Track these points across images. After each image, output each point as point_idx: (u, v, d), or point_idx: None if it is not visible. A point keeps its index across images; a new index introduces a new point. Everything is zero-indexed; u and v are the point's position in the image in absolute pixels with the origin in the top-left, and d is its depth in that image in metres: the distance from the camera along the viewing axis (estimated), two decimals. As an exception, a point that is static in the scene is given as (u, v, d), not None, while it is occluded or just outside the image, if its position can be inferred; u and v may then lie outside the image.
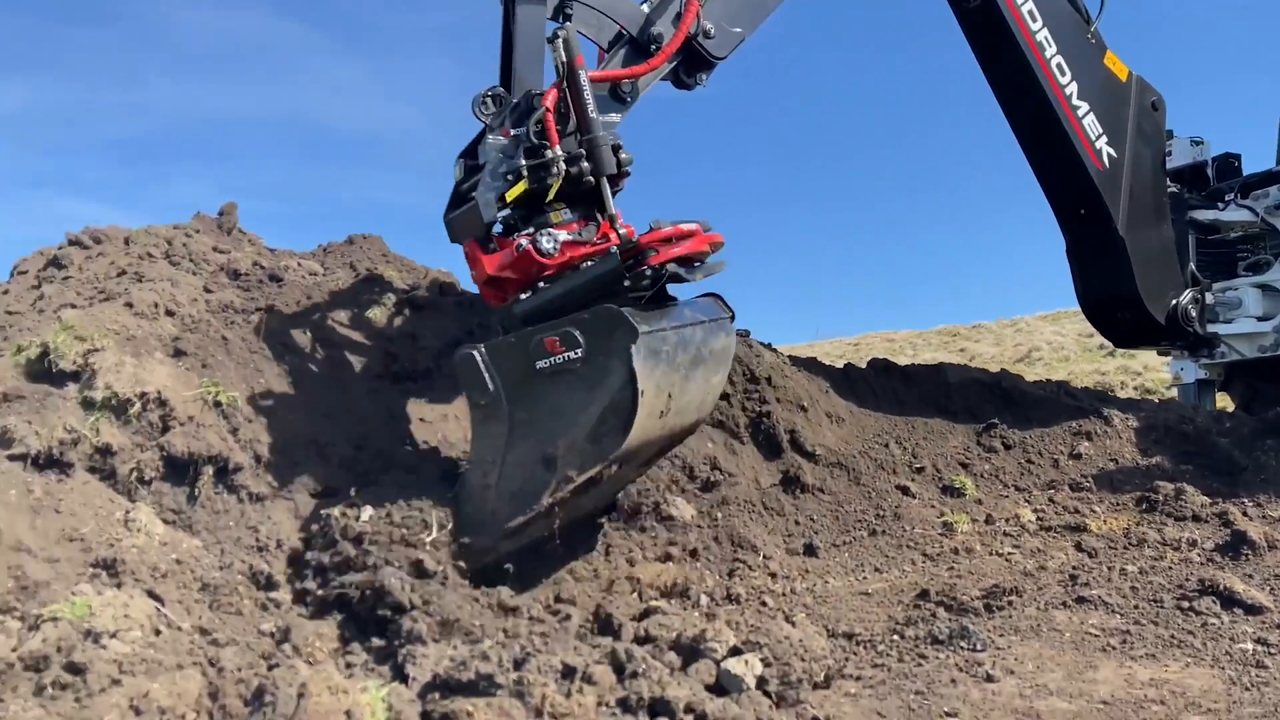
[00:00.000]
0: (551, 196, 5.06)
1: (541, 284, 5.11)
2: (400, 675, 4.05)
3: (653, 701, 4.07)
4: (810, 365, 8.66)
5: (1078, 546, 6.19)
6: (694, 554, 5.87)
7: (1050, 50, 8.10)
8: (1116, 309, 9.32)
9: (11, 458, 4.52)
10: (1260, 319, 10.65)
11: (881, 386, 8.66)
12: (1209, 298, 9.90)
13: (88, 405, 4.94)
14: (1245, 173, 11.53)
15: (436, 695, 3.86)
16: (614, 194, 5.30)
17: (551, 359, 4.75)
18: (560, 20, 5.37)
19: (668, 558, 5.75)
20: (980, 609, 5.20)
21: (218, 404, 5.27)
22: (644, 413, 4.75)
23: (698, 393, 5.39)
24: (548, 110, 5.02)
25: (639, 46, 5.80)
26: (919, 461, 7.55)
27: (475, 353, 4.88)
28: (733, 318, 5.57)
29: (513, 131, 5.11)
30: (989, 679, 4.31)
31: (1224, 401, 12.12)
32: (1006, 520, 6.80)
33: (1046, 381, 9.86)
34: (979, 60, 8.61)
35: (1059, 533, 6.53)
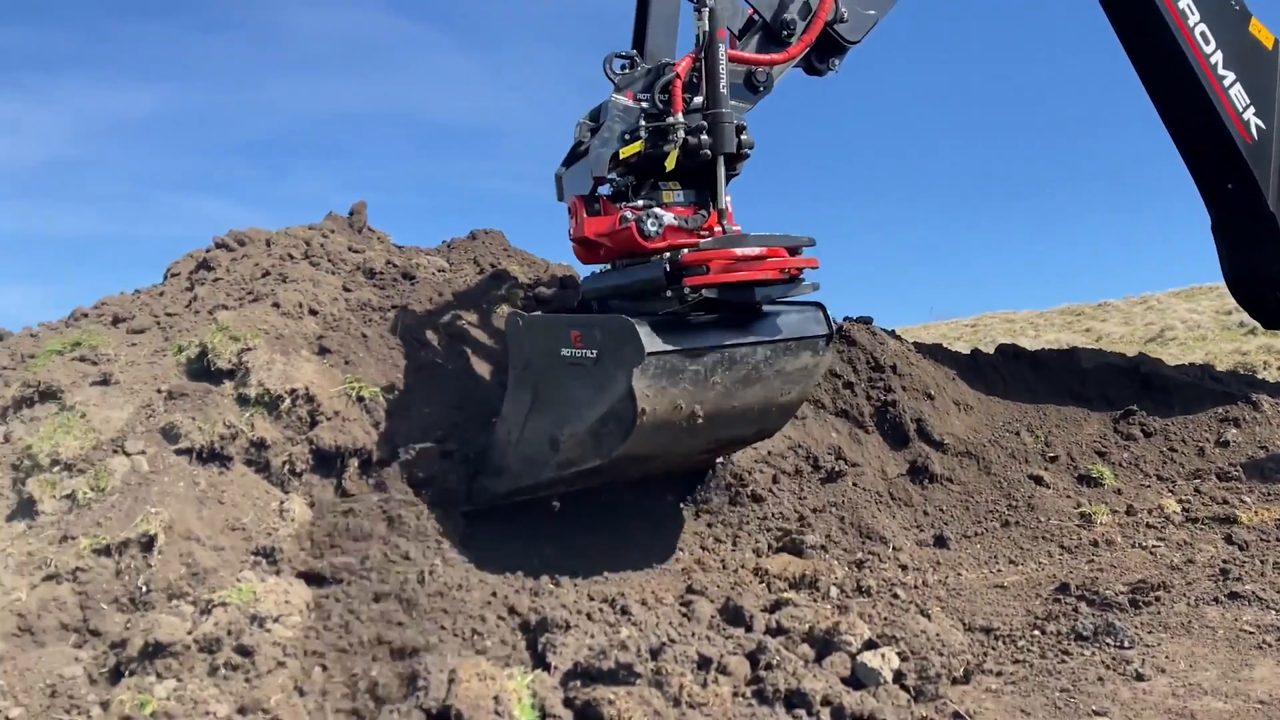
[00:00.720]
0: (670, 166, 4.98)
1: (609, 267, 5.24)
2: (542, 663, 4.17)
3: (789, 693, 4.09)
4: (935, 352, 8.47)
5: (1228, 539, 5.92)
6: (822, 545, 5.84)
7: (1193, 18, 7.70)
8: (1266, 288, 8.82)
9: (178, 452, 4.83)
10: None
11: (1010, 373, 8.42)
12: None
13: (243, 401, 5.22)
14: None
15: (578, 683, 3.97)
16: (731, 177, 5.23)
17: (572, 350, 4.88)
18: None
19: (795, 549, 5.74)
20: (1125, 604, 5.03)
21: (360, 399, 5.50)
22: (649, 426, 4.75)
23: (753, 408, 5.20)
24: (678, 77, 4.98)
25: (771, 34, 5.66)
26: (1052, 450, 7.32)
27: (518, 320, 5.24)
28: (830, 337, 5.31)
29: (639, 96, 5.11)
30: (1139, 677, 4.18)
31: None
32: (1149, 511, 6.54)
33: (1189, 365, 9.42)
34: (1118, 31, 8.25)
35: (1207, 525, 6.25)
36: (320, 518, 4.92)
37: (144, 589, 4.15)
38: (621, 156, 5.02)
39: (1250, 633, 4.64)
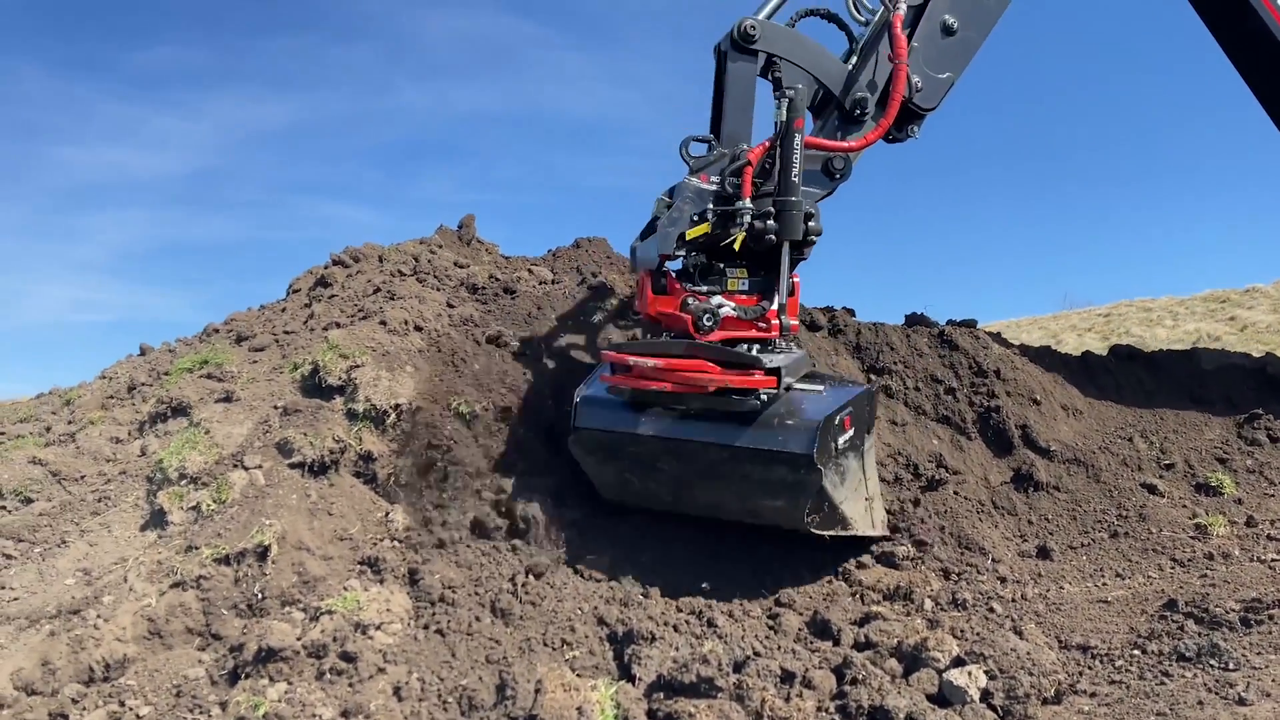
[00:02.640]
0: (738, 248, 5.08)
1: None
2: (627, 674, 4.30)
3: (872, 710, 4.10)
4: (1043, 354, 8.21)
5: (1358, 554, 5.58)
6: (918, 556, 5.78)
7: None
8: None
9: (291, 466, 5.16)
10: None
11: (1124, 375, 8.08)
12: None
13: (351, 416, 5.53)
14: None
15: (661, 695, 4.08)
16: (799, 260, 5.33)
17: None
18: (770, 77, 5.39)
19: (890, 560, 5.70)
20: (1236, 623, 4.80)
21: (459, 413, 5.74)
22: (607, 489, 5.59)
23: (736, 502, 5.23)
24: (749, 164, 5.06)
25: (845, 113, 5.63)
26: (1168, 457, 7.00)
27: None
28: (811, 460, 4.80)
29: (712, 179, 5.19)
30: (1241, 702, 4.01)
31: None
32: (1272, 523, 6.19)
33: (1323, 365, 8.82)
34: (1210, 26, 7.90)
35: (1336, 538, 5.89)
36: (422, 528, 5.17)
37: (259, 596, 4.47)
38: (688, 238, 5.13)
39: (1375, 656, 4.38)
